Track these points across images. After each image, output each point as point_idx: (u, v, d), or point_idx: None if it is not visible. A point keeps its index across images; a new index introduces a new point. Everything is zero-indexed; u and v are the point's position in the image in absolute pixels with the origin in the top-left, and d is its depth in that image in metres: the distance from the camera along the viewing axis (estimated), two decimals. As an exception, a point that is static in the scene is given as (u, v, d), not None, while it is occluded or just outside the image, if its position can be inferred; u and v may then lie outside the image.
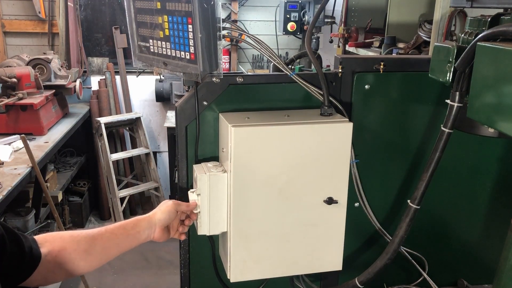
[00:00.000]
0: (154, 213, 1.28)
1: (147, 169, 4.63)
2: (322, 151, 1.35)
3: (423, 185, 1.25)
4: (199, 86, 1.40)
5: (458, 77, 1.11)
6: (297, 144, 1.33)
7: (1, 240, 1.01)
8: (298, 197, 1.37)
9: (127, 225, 1.23)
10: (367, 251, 1.66)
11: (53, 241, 1.15)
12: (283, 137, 1.32)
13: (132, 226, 1.23)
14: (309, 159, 1.35)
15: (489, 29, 1.02)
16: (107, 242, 1.20)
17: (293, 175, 1.35)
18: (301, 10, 4.17)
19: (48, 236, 1.16)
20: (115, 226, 1.23)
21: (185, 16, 1.21)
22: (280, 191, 1.35)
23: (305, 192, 1.37)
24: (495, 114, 0.94)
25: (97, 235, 1.19)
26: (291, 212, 1.38)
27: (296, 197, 1.37)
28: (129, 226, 1.23)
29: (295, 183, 1.36)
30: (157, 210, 1.28)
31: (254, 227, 1.37)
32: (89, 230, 1.20)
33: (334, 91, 1.47)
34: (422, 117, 1.55)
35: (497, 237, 1.63)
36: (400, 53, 2.58)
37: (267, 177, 1.33)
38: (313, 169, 1.36)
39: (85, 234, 1.19)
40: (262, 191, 1.34)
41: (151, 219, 1.26)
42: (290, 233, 1.40)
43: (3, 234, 1.02)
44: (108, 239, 1.20)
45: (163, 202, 1.31)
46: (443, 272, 1.71)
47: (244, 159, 1.30)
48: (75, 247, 1.15)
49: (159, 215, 1.27)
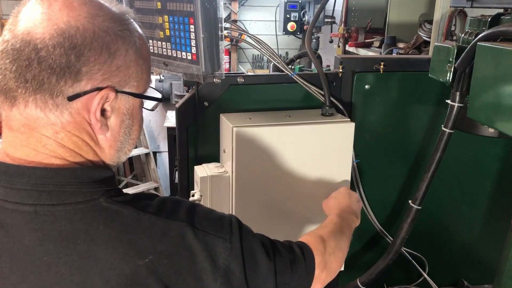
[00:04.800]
0: None
1: (147, 169, 4.63)
2: (324, 151, 1.35)
3: (424, 185, 1.25)
4: (200, 87, 1.40)
5: (458, 77, 1.11)
6: (299, 144, 1.33)
7: None
8: (300, 198, 1.37)
9: None
10: (368, 252, 1.66)
11: None
12: (285, 138, 1.32)
13: None
14: (311, 159, 1.35)
15: (489, 29, 1.03)
16: None
17: (295, 176, 1.35)
18: (301, 10, 4.17)
19: None
20: None
21: (186, 16, 1.21)
22: (282, 192, 1.35)
23: (307, 192, 1.37)
24: (495, 114, 0.95)
25: None
26: (293, 213, 1.38)
27: (298, 198, 1.37)
28: None
29: (297, 184, 1.36)
30: None
31: (255, 228, 1.37)
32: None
33: (334, 91, 1.47)
34: (423, 117, 1.55)
35: (497, 237, 1.63)
36: (400, 53, 2.58)
37: (269, 178, 1.33)
38: (315, 169, 1.36)
39: None
40: (264, 192, 1.34)
41: None
42: (292, 235, 1.40)
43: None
44: None
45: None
46: (443, 272, 1.71)
47: (246, 160, 1.30)
48: None
49: None
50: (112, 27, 0.74)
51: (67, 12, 0.71)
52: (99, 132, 0.77)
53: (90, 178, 0.75)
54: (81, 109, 0.73)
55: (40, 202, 0.72)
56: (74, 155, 0.76)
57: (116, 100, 0.77)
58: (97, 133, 0.77)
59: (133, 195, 0.80)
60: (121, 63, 0.75)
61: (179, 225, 0.78)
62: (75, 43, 0.70)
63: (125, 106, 0.79)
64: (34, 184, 0.72)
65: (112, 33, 0.74)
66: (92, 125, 0.76)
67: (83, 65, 0.71)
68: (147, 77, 0.82)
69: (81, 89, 0.72)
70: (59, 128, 0.73)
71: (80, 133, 0.75)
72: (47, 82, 0.70)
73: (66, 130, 0.74)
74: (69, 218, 0.72)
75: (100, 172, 0.77)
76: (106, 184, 0.77)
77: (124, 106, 0.78)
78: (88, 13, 0.72)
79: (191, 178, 1.47)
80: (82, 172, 0.75)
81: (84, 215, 0.72)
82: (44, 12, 0.71)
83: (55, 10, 0.71)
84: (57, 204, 0.72)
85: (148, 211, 0.77)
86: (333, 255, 1.06)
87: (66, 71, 0.70)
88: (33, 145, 0.74)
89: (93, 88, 0.73)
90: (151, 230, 0.75)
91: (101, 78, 0.73)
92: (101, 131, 0.77)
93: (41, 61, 0.69)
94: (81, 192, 0.74)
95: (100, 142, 0.78)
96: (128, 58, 0.76)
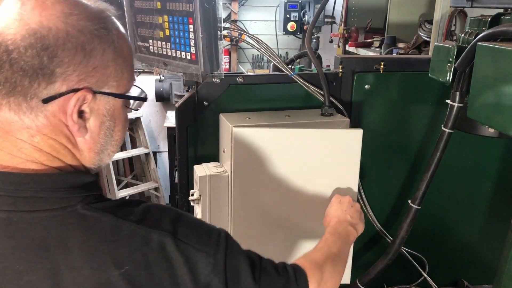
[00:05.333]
0: None
1: (147, 169, 4.63)
2: (328, 158, 1.31)
3: (424, 185, 1.25)
4: (200, 87, 1.40)
5: (458, 77, 1.11)
6: (299, 148, 1.29)
7: None
8: (298, 201, 1.34)
9: None
10: (367, 252, 1.66)
11: None
12: (285, 141, 1.29)
13: None
14: (311, 164, 1.31)
15: (489, 29, 1.03)
16: None
17: (294, 179, 1.32)
18: (301, 10, 4.17)
19: None
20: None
21: (186, 16, 1.21)
22: (280, 194, 1.33)
23: (306, 196, 1.34)
24: (495, 114, 0.94)
25: None
26: (292, 215, 1.36)
27: (296, 201, 1.34)
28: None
29: (296, 187, 1.32)
30: None
31: (254, 229, 1.36)
32: None
33: (334, 91, 1.47)
34: (423, 117, 1.55)
35: (497, 237, 1.63)
36: (400, 53, 2.58)
37: (267, 179, 1.31)
38: (316, 174, 1.32)
39: None
40: (262, 192, 1.33)
41: None
42: (290, 237, 1.38)
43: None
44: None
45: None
46: (443, 272, 1.71)
47: (245, 160, 1.30)
48: None
49: None
50: (87, 26, 0.71)
51: (40, 11, 0.69)
52: (77, 135, 0.74)
53: (67, 183, 0.73)
54: (57, 112, 0.71)
55: (15, 208, 0.69)
56: (51, 159, 0.73)
57: (95, 101, 0.74)
58: (75, 135, 0.74)
59: (117, 201, 0.78)
60: (98, 63, 0.72)
61: (161, 234, 0.74)
62: (48, 44, 0.67)
63: (105, 107, 0.76)
64: (9, 190, 0.70)
65: (87, 32, 0.71)
66: (69, 127, 0.73)
67: (57, 66, 0.68)
68: (128, 76, 0.79)
69: (56, 91, 0.69)
70: (35, 131, 0.71)
71: (57, 136, 0.73)
72: (20, 85, 0.67)
73: (42, 133, 0.71)
74: (43, 225, 0.69)
75: (79, 178, 0.75)
76: (86, 190, 0.74)
77: (104, 107, 0.76)
78: (61, 12, 0.70)
79: (190, 178, 1.47)
80: (59, 178, 0.73)
81: (59, 222, 0.70)
82: (16, 12, 0.68)
83: (28, 10, 0.68)
84: (32, 211, 0.70)
85: (128, 219, 0.74)
86: (330, 281, 1.01)
87: (39, 73, 0.67)
88: (8, 149, 0.72)
89: (69, 90, 0.70)
90: (130, 239, 0.72)
91: (77, 79, 0.70)
92: (79, 133, 0.74)
93: (12, 63, 0.66)
94: (58, 198, 0.71)
95: (79, 144, 0.76)
96: (105, 58, 0.73)
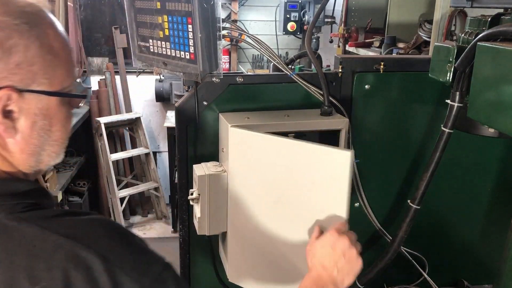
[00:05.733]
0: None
1: (147, 169, 4.62)
2: (319, 173, 1.20)
3: (423, 185, 1.25)
4: (199, 86, 1.40)
5: (458, 77, 1.11)
6: (293, 158, 1.22)
7: None
8: (292, 206, 1.26)
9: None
10: (367, 251, 1.66)
11: None
12: (278, 147, 1.22)
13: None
14: (304, 175, 1.22)
15: (489, 29, 1.02)
16: None
17: (291, 183, 1.25)
18: (301, 10, 4.17)
19: None
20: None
21: (185, 16, 1.21)
22: (275, 196, 1.27)
23: (299, 203, 1.25)
24: (495, 114, 0.94)
25: None
26: (288, 217, 1.29)
27: (290, 205, 1.27)
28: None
29: (286, 195, 1.26)
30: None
31: (250, 229, 1.35)
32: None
33: (334, 91, 1.47)
34: (422, 117, 1.55)
35: (497, 237, 1.63)
36: (400, 53, 2.58)
37: (263, 181, 1.28)
38: (309, 186, 1.23)
39: None
40: (257, 192, 1.30)
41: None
42: (289, 238, 1.36)
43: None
44: None
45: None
46: (443, 272, 1.71)
47: (241, 160, 1.29)
48: None
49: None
50: (5, 21, 0.67)
51: None
52: (5, 136, 0.70)
53: None
54: None
55: None
56: None
57: (23, 100, 0.69)
58: (3, 136, 0.70)
59: (54, 211, 0.72)
60: (21, 60, 0.68)
61: (90, 252, 0.67)
62: None
63: (37, 106, 0.71)
64: None
65: (5, 27, 0.67)
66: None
67: None
68: (64, 73, 0.74)
69: None
70: None
71: None
72: None
73: None
74: None
75: (9, 185, 0.70)
76: (17, 198, 0.69)
77: (35, 106, 0.71)
78: None
79: (190, 177, 1.47)
80: None
81: None
82: None
83: None
84: None
85: (57, 231, 0.68)
86: None
87: None
88: None
89: None
90: (52, 253, 0.66)
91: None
92: (7, 134, 0.69)
93: None
94: None
95: (9, 146, 0.71)
96: (30, 54, 0.68)
